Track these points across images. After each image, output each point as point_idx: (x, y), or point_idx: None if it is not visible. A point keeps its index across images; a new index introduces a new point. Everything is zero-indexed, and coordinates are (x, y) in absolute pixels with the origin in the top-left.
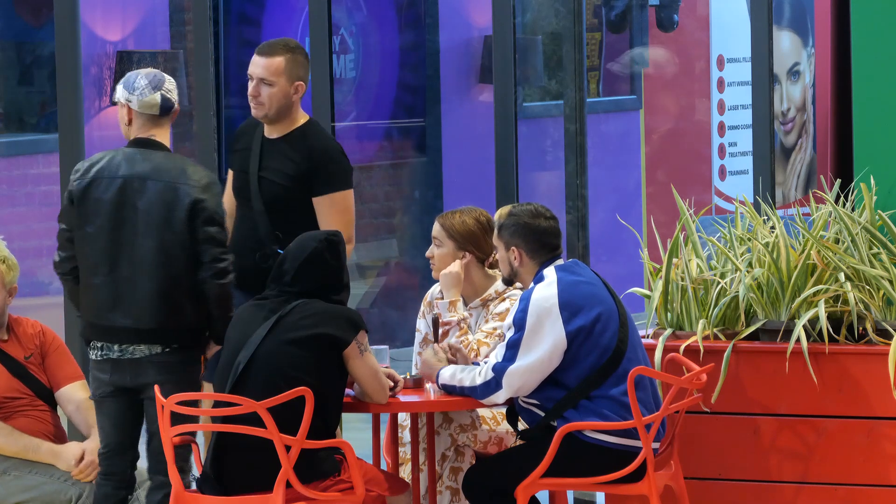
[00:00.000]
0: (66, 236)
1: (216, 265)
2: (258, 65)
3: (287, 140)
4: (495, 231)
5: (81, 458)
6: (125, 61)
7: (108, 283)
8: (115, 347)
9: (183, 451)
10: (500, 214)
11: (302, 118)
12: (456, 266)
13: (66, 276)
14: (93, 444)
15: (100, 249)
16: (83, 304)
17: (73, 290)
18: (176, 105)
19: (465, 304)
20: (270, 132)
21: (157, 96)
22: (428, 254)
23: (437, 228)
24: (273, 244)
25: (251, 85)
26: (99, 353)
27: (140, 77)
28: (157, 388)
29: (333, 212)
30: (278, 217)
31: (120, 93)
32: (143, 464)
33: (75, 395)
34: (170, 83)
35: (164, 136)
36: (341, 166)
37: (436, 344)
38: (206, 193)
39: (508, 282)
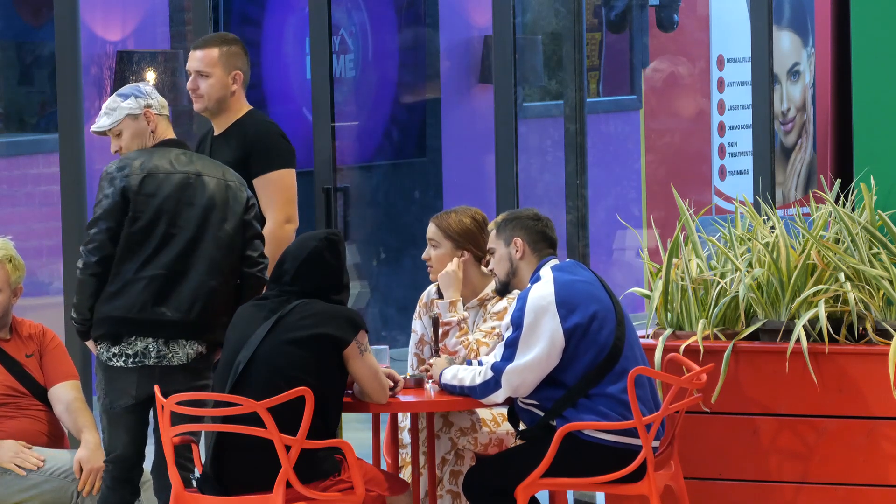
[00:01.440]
0: (110, 235)
1: (262, 261)
2: (193, 58)
3: (229, 132)
4: (493, 234)
5: (80, 469)
6: (125, 61)
7: (158, 277)
8: (153, 353)
9: (183, 449)
10: (495, 221)
11: (243, 109)
12: (454, 266)
13: (99, 276)
14: (86, 453)
15: (154, 244)
16: (117, 300)
17: (99, 290)
18: None
19: (463, 304)
20: (217, 129)
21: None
22: (424, 256)
23: (432, 230)
24: None
25: (190, 79)
26: (130, 360)
27: (141, 85)
28: (157, 388)
29: (271, 191)
30: None
31: (132, 106)
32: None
33: (66, 395)
34: None
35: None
36: (277, 147)
37: (440, 348)
38: (248, 192)
39: (503, 291)
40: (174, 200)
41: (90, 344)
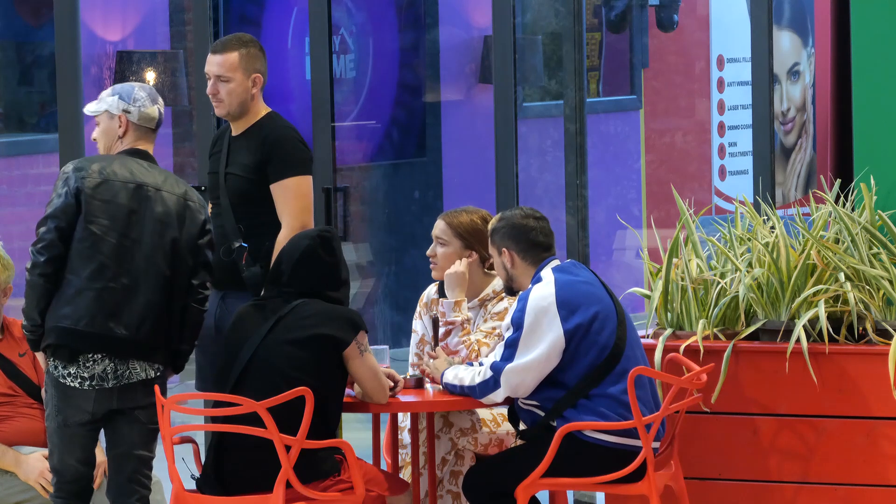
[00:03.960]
0: (60, 235)
1: (204, 291)
2: (213, 63)
3: (247, 134)
4: (489, 238)
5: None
6: (125, 61)
7: (109, 290)
8: (111, 376)
9: (141, 466)
10: (491, 222)
11: (262, 111)
12: (461, 265)
13: (48, 277)
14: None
15: (106, 253)
16: (65, 308)
17: (48, 294)
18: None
19: None
20: (235, 130)
21: (155, 110)
22: (430, 252)
23: (441, 227)
24: (236, 238)
25: (209, 84)
26: (87, 382)
27: (136, 89)
28: (156, 387)
29: (287, 198)
30: (245, 211)
31: (113, 103)
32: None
33: None
34: (160, 100)
35: (152, 150)
36: (295, 153)
37: (438, 348)
38: (208, 216)
39: (510, 291)
40: (128, 210)
41: (40, 356)
